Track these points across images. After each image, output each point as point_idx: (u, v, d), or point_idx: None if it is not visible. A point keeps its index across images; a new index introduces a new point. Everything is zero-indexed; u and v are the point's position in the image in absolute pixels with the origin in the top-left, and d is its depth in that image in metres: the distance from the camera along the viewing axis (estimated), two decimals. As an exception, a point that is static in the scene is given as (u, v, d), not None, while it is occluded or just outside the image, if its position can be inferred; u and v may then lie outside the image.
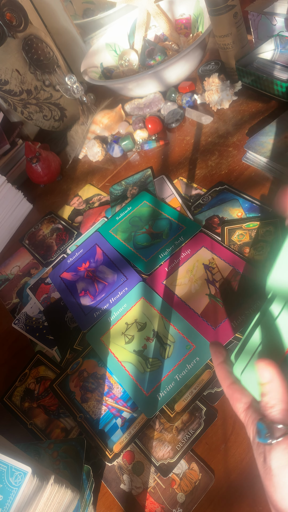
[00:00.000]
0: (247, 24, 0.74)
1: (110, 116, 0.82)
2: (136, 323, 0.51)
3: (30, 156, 0.79)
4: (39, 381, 0.53)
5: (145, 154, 0.76)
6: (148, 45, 0.90)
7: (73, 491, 0.37)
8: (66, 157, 0.86)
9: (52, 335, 0.57)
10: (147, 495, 0.40)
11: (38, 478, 0.33)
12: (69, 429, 0.47)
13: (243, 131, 0.66)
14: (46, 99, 0.88)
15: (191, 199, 0.62)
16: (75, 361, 0.51)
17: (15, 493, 0.32)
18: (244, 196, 0.57)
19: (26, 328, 0.60)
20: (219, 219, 0.56)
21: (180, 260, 0.54)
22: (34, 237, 0.74)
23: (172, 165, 0.70)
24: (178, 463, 0.40)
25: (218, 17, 0.66)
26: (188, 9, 0.90)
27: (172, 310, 0.50)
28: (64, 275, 0.62)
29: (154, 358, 0.47)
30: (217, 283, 0.50)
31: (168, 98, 0.81)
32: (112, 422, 0.45)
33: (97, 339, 0.52)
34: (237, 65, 0.70)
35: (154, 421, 0.43)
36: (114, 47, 0.97)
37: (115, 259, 0.60)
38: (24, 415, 0.51)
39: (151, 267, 0.55)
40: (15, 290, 0.67)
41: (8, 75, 0.82)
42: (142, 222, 0.62)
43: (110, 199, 0.70)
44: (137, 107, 0.83)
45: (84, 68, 0.89)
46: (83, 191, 0.77)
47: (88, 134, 0.84)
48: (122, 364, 0.48)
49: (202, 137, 0.70)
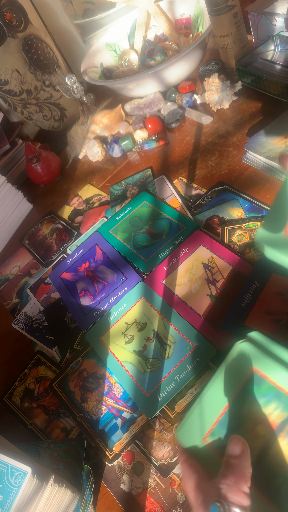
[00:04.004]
0: (247, 24, 0.74)
1: (110, 116, 0.82)
2: (136, 323, 0.51)
3: (30, 156, 0.79)
4: (39, 381, 0.53)
5: (145, 154, 0.76)
6: (148, 45, 0.90)
7: (73, 491, 0.37)
8: (66, 157, 0.86)
9: (52, 335, 0.57)
10: (147, 495, 0.40)
11: (38, 478, 0.33)
12: (69, 429, 0.47)
13: (243, 131, 0.66)
14: (46, 99, 0.88)
15: (191, 199, 0.62)
16: (75, 361, 0.51)
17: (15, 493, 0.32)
18: (244, 196, 0.57)
19: (26, 328, 0.60)
20: (219, 219, 0.56)
21: (179, 259, 0.54)
22: (34, 237, 0.74)
23: (172, 165, 0.70)
24: (178, 463, 0.40)
25: (218, 17, 0.66)
26: (188, 9, 0.90)
27: (172, 310, 0.50)
28: (64, 275, 0.62)
29: (154, 358, 0.47)
30: (217, 283, 0.49)
31: (168, 98, 0.80)
32: (112, 422, 0.45)
33: (97, 339, 0.52)
34: (237, 65, 0.70)
35: (154, 421, 0.43)
36: (114, 47, 0.97)
37: (115, 259, 0.60)
38: (24, 415, 0.51)
39: (151, 267, 0.55)
40: (15, 290, 0.67)
41: (8, 75, 0.82)
42: (142, 222, 0.62)
43: (110, 199, 0.70)
44: (137, 107, 0.83)
45: (84, 68, 0.89)
46: (83, 191, 0.77)
47: (88, 134, 0.84)
48: (122, 364, 0.48)
49: (202, 137, 0.70)
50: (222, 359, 0.44)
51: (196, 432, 0.31)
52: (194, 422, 0.32)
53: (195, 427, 0.32)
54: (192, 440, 0.31)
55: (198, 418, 0.32)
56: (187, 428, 0.32)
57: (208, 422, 0.31)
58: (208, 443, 0.31)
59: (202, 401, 0.33)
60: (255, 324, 0.43)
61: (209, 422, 0.31)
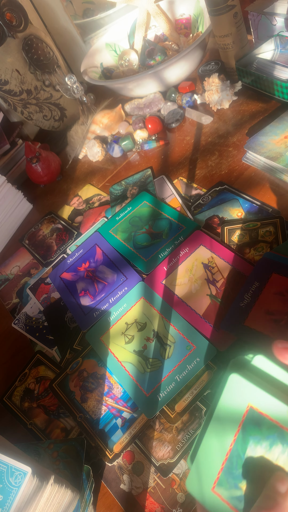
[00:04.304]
0: (247, 24, 0.74)
1: (110, 116, 0.82)
2: (136, 323, 0.51)
3: (30, 156, 0.79)
4: (39, 381, 0.53)
5: (145, 154, 0.76)
6: (148, 45, 0.90)
7: (73, 491, 0.37)
8: (66, 157, 0.86)
9: (52, 335, 0.57)
10: (147, 495, 0.40)
11: (38, 478, 0.33)
12: (69, 429, 0.47)
13: (243, 131, 0.66)
14: (46, 99, 0.88)
15: (191, 199, 0.62)
16: (75, 361, 0.51)
17: (15, 493, 0.32)
18: (244, 196, 0.57)
19: (26, 328, 0.60)
20: (219, 219, 0.56)
21: (179, 259, 0.54)
22: (34, 237, 0.74)
23: (172, 165, 0.70)
24: (178, 463, 0.40)
25: (218, 17, 0.66)
26: (188, 9, 0.90)
27: (172, 310, 0.50)
28: (64, 275, 0.62)
29: (154, 358, 0.47)
30: (217, 283, 0.49)
31: (168, 98, 0.81)
32: (112, 422, 0.45)
33: (97, 339, 0.52)
34: (237, 65, 0.70)
35: (154, 421, 0.43)
36: (114, 47, 0.97)
37: (115, 259, 0.60)
38: (24, 415, 0.51)
39: (151, 267, 0.55)
40: (15, 290, 0.67)
41: (8, 75, 0.82)
42: (142, 222, 0.62)
43: (110, 199, 0.70)
44: (137, 107, 0.83)
45: (84, 68, 0.89)
46: (83, 191, 0.77)
47: (88, 134, 0.84)
48: (122, 364, 0.48)
49: (202, 137, 0.70)
50: (222, 359, 0.44)
51: (204, 482, 0.28)
52: (199, 471, 0.28)
53: (202, 476, 0.28)
54: (202, 491, 0.28)
55: (203, 466, 0.28)
56: (194, 478, 0.28)
57: (213, 470, 0.28)
58: (217, 494, 0.27)
59: (202, 446, 0.29)
60: (255, 324, 0.43)
61: (214, 470, 0.28)
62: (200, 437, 0.29)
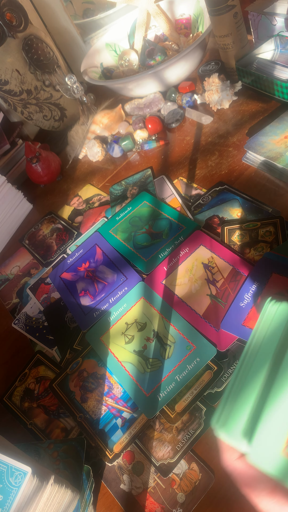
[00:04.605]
0: (247, 24, 0.74)
1: (110, 116, 0.82)
2: (136, 323, 0.51)
3: (30, 156, 0.79)
4: (39, 381, 0.53)
5: (145, 154, 0.76)
6: (148, 45, 0.90)
7: (73, 491, 0.37)
8: (66, 157, 0.86)
9: (52, 335, 0.57)
10: (147, 495, 0.40)
11: (38, 478, 0.33)
12: (69, 429, 0.47)
13: (243, 131, 0.66)
14: (46, 99, 0.88)
15: (191, 199, 0.62)
16: (75, 361, 0.51)
17: (15, 493, 0.32)
18: (244, 196, 0.57)
19: (26, 328, 0.60)
20: (219, 219, 0.56)
21: (179, 259, 0.54)
22: (34, 237, 0.74)
23: (172, 165, 0.70)
24: (178, 463, 0.40)
25: (218, 17, 0.66)
26: (188, 9, 0.90)
27: (172, 310, 0.50)
28: (64, 275, 0.62)
29: (154, 358, 0.47)
30: (217, 283, 0.49)
31: (168, 98, 0.81)
32: (112, 422, 0.45)
33: (97, 339, 0.52)
34: (237, 65, 0.70)
35: (154, 421, 0.43)
36: (114, 47, 0.97)
37: (115, 259, 0.60)
38: (24, 415, 0.51)
39: (151, 267, 0.55)
40: (15, 290, 0.67)
41: (8, 75, 0.82)
42: (142, 222, 0.62)
43: (110, 199, 0.70)
44: (137, 107, 0.83)
45: (84, 68, 0.89)
46: (83, 191, 0.77)
47: (88, 134, 0.84)
48: (122, 364, 0.48)
49: (202, 137, 0.70)
50: (222, 359, 0.44)
51: (272, 443, 0.23)
52: (265, 429, 0.24)
53: (269, 435, 0.23)
54: (267, 454, 0.23)
55: (272, 422, 0.23)
56: (257, 439, 0.23)
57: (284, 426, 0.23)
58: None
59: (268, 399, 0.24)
60: (255, 324, 0.43)
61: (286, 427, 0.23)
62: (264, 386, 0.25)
